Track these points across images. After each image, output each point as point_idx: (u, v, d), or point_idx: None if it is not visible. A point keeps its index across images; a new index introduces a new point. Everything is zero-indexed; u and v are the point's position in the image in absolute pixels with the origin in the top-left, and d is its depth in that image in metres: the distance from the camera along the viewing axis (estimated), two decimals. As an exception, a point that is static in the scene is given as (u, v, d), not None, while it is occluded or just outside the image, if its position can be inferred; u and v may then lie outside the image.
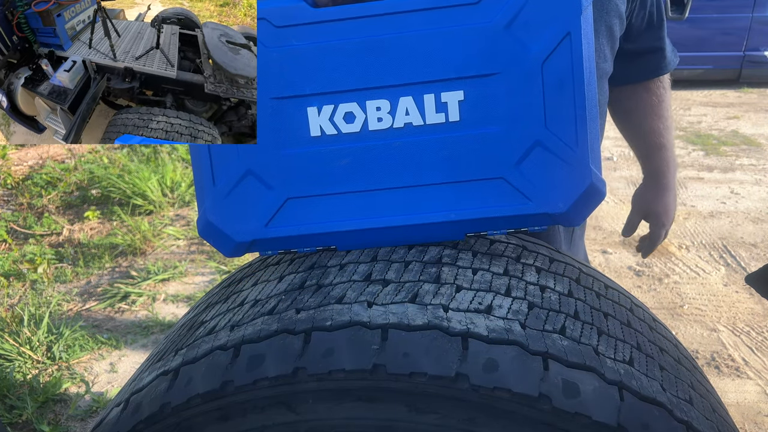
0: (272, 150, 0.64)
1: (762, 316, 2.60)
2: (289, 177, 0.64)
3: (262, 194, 0.65)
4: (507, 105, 0.62)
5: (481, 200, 0.64)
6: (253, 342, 0.58)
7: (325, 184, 0.64)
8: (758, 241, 3.21)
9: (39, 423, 2.06)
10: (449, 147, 0.63)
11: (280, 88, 0.63)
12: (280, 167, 0.64)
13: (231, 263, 3.11)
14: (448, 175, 0.63)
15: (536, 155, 0.62)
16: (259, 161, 0.64)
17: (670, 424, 0.54)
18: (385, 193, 0.64)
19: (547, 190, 0.62)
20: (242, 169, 0.65)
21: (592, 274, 0.77)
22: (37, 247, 3.28)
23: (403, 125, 0.63)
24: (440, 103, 0.62)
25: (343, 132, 0.63)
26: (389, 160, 0.63)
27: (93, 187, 3.92)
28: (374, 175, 0.64)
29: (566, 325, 0.59)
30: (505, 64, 0.61)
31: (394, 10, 0.61)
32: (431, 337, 0.55)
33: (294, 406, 0.56)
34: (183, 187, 3.88)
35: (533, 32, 0.61)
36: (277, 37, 0.63)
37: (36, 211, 3.75)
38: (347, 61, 0.62)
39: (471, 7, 0.61)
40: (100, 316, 2.74)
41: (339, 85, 0.62)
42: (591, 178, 0.62)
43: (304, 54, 0.62)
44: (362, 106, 0.62)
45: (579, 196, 0.62)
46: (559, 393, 0.51)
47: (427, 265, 0.66)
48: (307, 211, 0.65)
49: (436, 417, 0.53)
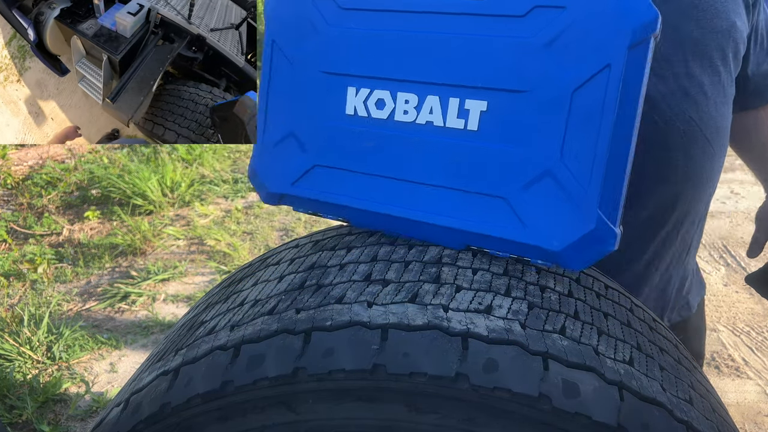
0: (312, 118, 0.69)
1: (762, 316, 2.60)
2: (320, 146, 0.68)
3: (296, 155, 0.70)
4: (527, 126, 0.59)
5: (479, 215, 0.62)
6: (253, 342, 0.58)
7: (347, 160, 0.67)
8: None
9: (39, 423, 2.06)
10: (460, 154, 0.62)
11: (329, 64, 0.67)
12: (314, 135, 0.69)
13: (231, 264, 3.11)
14: (453, 181, 0.63)
15: (544, 185, 0.59)
16: (301, 125, 0.69)
17: (670, 424, 0.54)
18: (394, 183, 0.66)
19: (546, 224, 0.59)
20: (287, 129, 0.70)
21: (592, 274, 0.77)
22: (37, 247, 3.28)
23: (425, 122, 0.63)
24: (463, 109, 0.61)
25: (372, 116, 0.65)
26: (405, 153, 0.64)
27: (93, 187, 3.93)
28: (389, 164, 0.65)
29: (566, 325, 0.59)
30: (534, 84, 0.59)
31: (444, 10, 0.62)
32: (431, 337, 0.55)
33: (294, 406, 0.56)
34: (183, 187, 3.88)
35: (572, 57, 0.57)
36: (339, 17, 0.66)
37: (36, 211, 3.75)
38: (389, 50, 0.64)
39: (517, 19, 0.59)
40: (100, 316, 2.74)
41: (377, 72, 0.65)
42: (595, 224, 0.57)
43: (356, 37, 0.65)
44: (393, 95, 0.64)
45: (578, 239, 0.58)
46: (559, 393, 0.51)
47: (427, 265, 0.66)
48: (329, 180, 0.69)
49: (436, 417, 0.53)
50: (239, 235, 3.45)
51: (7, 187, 4.04)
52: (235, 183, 4.15)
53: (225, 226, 3.54)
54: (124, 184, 3.75)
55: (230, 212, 3.74)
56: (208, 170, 4.27)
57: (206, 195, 3.96)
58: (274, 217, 3.68)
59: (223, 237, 3.36)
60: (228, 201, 3.93)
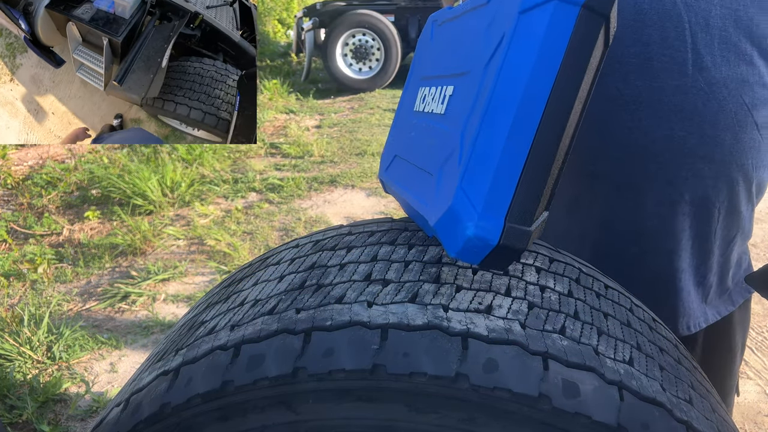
0: (401, 115, 0.81)
1: (762, 316, 2.60)
2: (397, 138, 0.79)
3: (390, 146, 0.82)
4: (461, 108, 0.59)
5: (425, 193, 0.62)
6: (253, 342, 0.58)
7: (402, 149, 0.77)
8: (758, 241, 3.21)
9: (39, 423, 2.06)
10: (432, 136, 0.66)
11: (423, 69, 0.78)
12: (398, 129, 0.80)
13: (231, 264, 3.11)
14: (425, 163, 0.66)
15: (452, 161, 0.57)
16: (397, 123, 0.82)
17: (670, 424, 0.54)
18: (410, 167, 0.71)
19: (437, 202, 0.57)
20: (395, 126, 0.83)
21: (592, 274, 0.77)
22: (37, 247, 3.29)
23: (430, 111, 0.70)
24: (443, 94, 0.67)
25: (417, 110, 0.75)
26: (418, 138, 0.72)
27: (93, 187, 3.93)
28: (413, 149, 0.73)
29: (566, 325, 0.59)
30: (472, 63, 0.59)
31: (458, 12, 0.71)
32: (431, 337, 0.55)
33: (294, 406, 0.56)
34: (183, 187, 3.88)
35: (491, 33, 0.57)
36: (437, 32, 0.77)
37: (36, 211, 3.75)
38: (436, 52, 0.74)
39: (481, 9, 0.62)
40: (100, 316, 2.74)
41: (430, 72, 0.74)
42: (452, 202, 0.53)
43: (433, 44, 0.77)
44: (430, 89, 0.72)
45: (441, 217, 0.55)
46: (559, 393, 0.51)
47: (427, 265, 0.66)
48: (396, 168, 0.77)
49: (436, 417, 0.53)
50: (239, 235, 3.45)
51: (7, 187, 4.05)
52: (235, 183, 4.15)
53: (225, 226, 3.55)
54: (124, 184, 3.75)
55: (230, 212, 3.74)
56: (208, 170, 4.27)
57: (206, 195, 3.96)
58: (274, 217, 3.68)
59: (223, 237, 3.36)
60: (228, 201, 3.93)
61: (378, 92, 6.75)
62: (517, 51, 0.52)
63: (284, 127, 5.54)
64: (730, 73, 0.92)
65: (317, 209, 3.79)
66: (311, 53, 6.84)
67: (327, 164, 4.55)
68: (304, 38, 6.75)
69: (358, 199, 3.93)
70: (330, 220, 3.63)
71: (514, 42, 0.52)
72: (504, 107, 0.52)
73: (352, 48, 6.76)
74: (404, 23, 6.85)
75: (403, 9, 6.92)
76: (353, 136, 5.17)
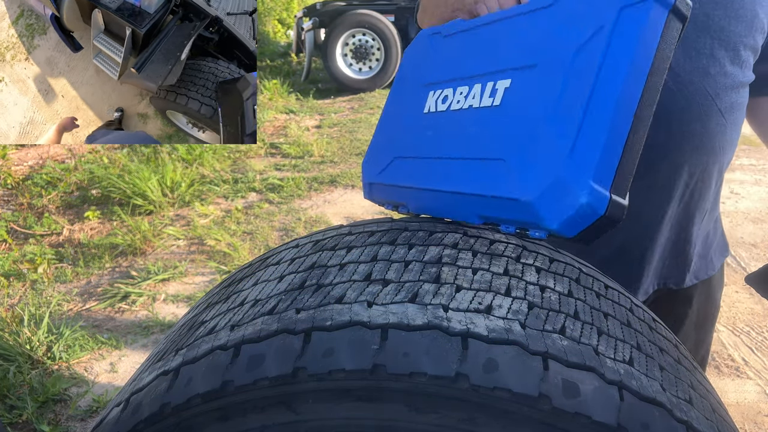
0: (399, 123, 0.84)
1: (762, 316, 2.60)
2: (398, 142, 0.82)
3: (384, 153, 0.84)
4: (535, 95, 0.64)
5: (486, 179, 0.67)
6: (253, 342, 0.58)
7: (414, 149, 0.79)
8: (758, 241, 3.21)
9: (39, 423, 2.06)
10: (485, 127, 0.69)
11: (425, 77, 0.82)
12: (397, 134, 0.83)
13: (231, 264, 3.11)
14: (476, 152, 0.69)
15: (532, 143, 0.62)
16: (390, 131, 0.85)
17: (670, 424, 0.54)
18: (441, 162, 0.74)
19: (528, 178, 0.61)
20: (383, 136, 0.86)
21: (592, 274, 0.77)
22: (38, 247, 3.29)
23: (467, 106, 0.73)
24: (494, 88, 0.70)
25: (437, 110, 0.78)
26: (452, 133, 0.74)
27: (93, 187, 3.93)
28: (442, 144, 0.75)
29: (566, 325, 0.59)
30: (543, 57, 0.65)
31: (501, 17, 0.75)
32: (431, 337, 0.55)
33: (294, 406, 0.56)
34: (183, 187, 3.88)
35: (573, 26, 0.63)
36: (439, 43, 0.82)
37: (36, 211, 3.75)
38: (457, 57, 0.79)
39: (544, 10, 0.68)
40: (100, 316, 2.74)
41: (446, 76, 0.79)
42: (562, 173, 0.57)
43: (445, 52, 0.81)
44: (454, 90, 0.76)
45: (545, 189, 0.59)
46: (559, 393, 0.51)
47: (427, 265, 0.66)
48: (399, 168, 0.81)
49: (436, 417, 0.53)
50: (239, 235, 3.45)
51: (8, 187, 4.05)
52: (235, 183, 4.15)
53: (225, 226, 3.55)
54: (124, 184, 3.75)
55: (230, 212, 3.74)
56: (208, 170, 4.27)
57: (206, 195, 3.96)
58: (274, 217, 3.69)
59: (223, 237, 3.36)
60: (228, 201, 3.93)
61: (378, 92, 6.75)
62: (620, 40, 0.58)
63: (284, 127, 5.54)
64: (693, 68, 1.01)
65: (317, 209, 3.79)
66: (311, 53, 6.84)
67: (327, 164, 4.55)
68: (304, 38, 6.75)
69: (358, 199, 3.93)
70: (330, 220, 3.63)
71: (616, 32, 0.59)
72: (610, 91, 0.57)
73: (352, 48, 6.76)
74: (404, 23, 6.85)
75: (403, 9, 6.92)
76: (353, 136, 5.17)
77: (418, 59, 0.86)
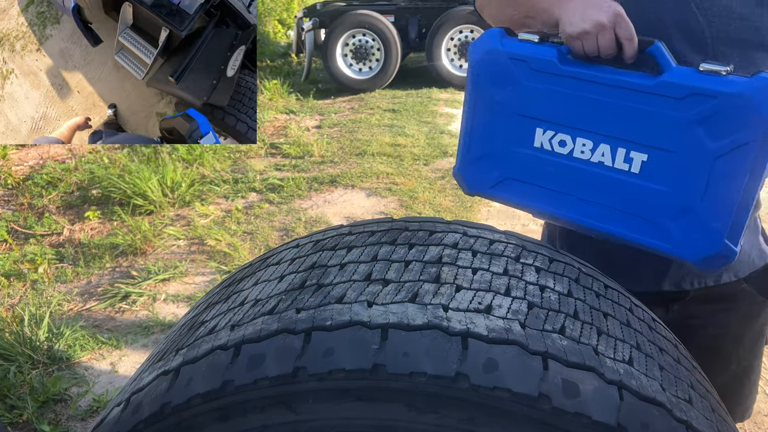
0: (505, 145, 0.92)
1: (762, 316, 2.59)
2: (511, 164, 0.92)
3: (492, 169, 0.94)
4: (677, 175, 0.79)
5: (635, 229, 0.84)
6: (253, 342, 0.58)
7: (534, 177, 0.91)
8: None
9: (39, 423, 2.06)
10: (624, 186, 0.83)
11: (522, 108, 0.89)
12: (506, 157, 0.92)
13: (231, 264, 3.11)
14: (617, 203, 0.85)
15: (686, 216, 0.80)
16: (495, 149, 0.93)
17: (670, 423, 0.54)
18: (569, 197, 0.89)
19: (685, 242, 0.81)
20: (485, 150, 0.94)
21: (592, 273, 0.77)
22: (38, 247, 3.29)
23: (597, 161, 0.85)
24: (628, 157, 0.82)
25: (554, 150, 0.88)
26: (579, 178, 0.87)
27: (93, 187, 3.93)
28: (566, 184, 0.88)
29: (566, 324, 0.60)
30: (684, 148, 0.78)
31: (618, 84, 0.81)
32: (431, 336, 0.55)
33: (294, 406, 0.56)
34: (183, 187, 3.89)
35: (717, 132, 0.75)
36: (530, 76, 0.88)
37: (36, 211, 3.75)
38: (571, 105, 0.85)
39: (675, 100, 0.78)
40: (100, 316, 2.75)
41: (561, 120, 0.87)
42: (720, 247, 0.79)
43: (544, 92, 0.87)
44: (573, 139, 0.86)
45: (708, 256, 0.80)
46: (559, 393, 0.52)
47: (427, 265, 0.66)
48: (518, 188, 0.93)
49: (435, 417, 0.53)
50: (239, 235, 3.45)
51: (8, 187, 4.05)
52: (236, 183, 4.15)
53: (225, 226, 3.55)
54: (125, 184, 3.75)
55: (230, 212, 3.74)
56: (209, 170, 4.27)
57: (206, 195, 3.96)
58: (275, 217, 3.69)
59: (223, 237, 3.36)
60: (228, 201, 3.93)
61: (378, 92, 6.75)
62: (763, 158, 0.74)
63: (284, 128, 5.54)
64: None
65: (317, 209, 3.79)
66: (311, 53, 6.84)
67: (327, 164, 4.55)
68: (305, 38, 6.74)
69: (358, 199, 3.94)
70: (330, 220, 3.63)
71: (761, 152, 0.74)
72: (755, 187, 0.76)
73: (352, 48, 6.76)
74: (404, 23, 6.84)
75: (403, 9, 6.91)
76: (353, 137, 5.17)
77: (499, 78, 0.90)
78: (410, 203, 3.79)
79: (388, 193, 3.96)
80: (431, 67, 6.71)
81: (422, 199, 3.84)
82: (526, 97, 0.89)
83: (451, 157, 4.58)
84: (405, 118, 5.66)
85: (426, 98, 6.36)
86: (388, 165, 4.44)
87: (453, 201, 3.81)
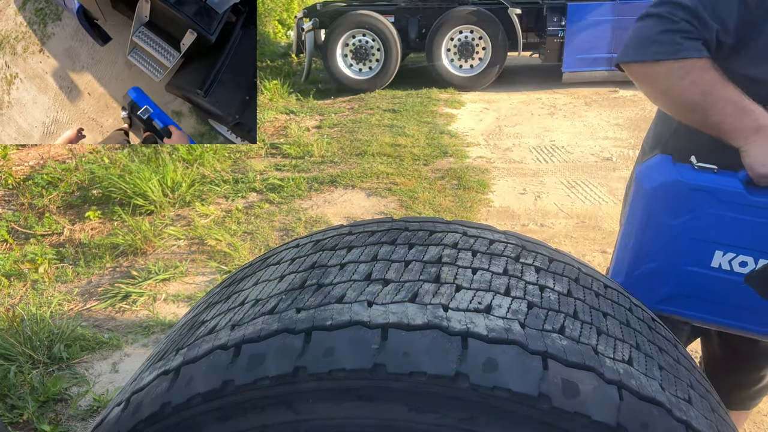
0: (676, 264, 0.97)
1: (762, 316, 2.59)
2: (683, 282, 0.97)
3: (661, 285, 0.99)
4: None
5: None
6: (253, 341, 0.58)
7: (708, 294, 0.96)
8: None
9: (40, 423, 2.06)
10: None
11: (702, 233, 0.94)
12: (677, 274, 0.97)
13: (231, 263, 3.11)
14: None
15: None
16: (664, 268, 0.98)
17: (670, 423, 0.54)
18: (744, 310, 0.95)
19: None
20: (653, 269, 1.00)
21: (592, 273, 0.77)
22: (38, 247, 3.29)
23: None
24: None
25: (733, 270, 0.94)
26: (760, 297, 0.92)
27: (94, 187, 3.93)
28: (746, 298, 0.94)
29: (565, 324, 0.60)
30: None
31: None
32: (431, 336, 0.55)
33: (294, 406, 0.56)
34: (183, 188, 3.88)
35: None
36: (714, 205, 0.93)
37: (37, 211, 3.75)
38: (757, 231, 0.91)
39: None
40: (101, 315, 2.75)
41: (744, 243, 0.93)
42: None
43: (728, 220, 0.92)
44: (756, 260, 0.92)
45: None
46: (559, 392, 0.52)
47: (427, 265, 0.66)
48: (684, 303, 0.99)
49: (435, 416, 0.54)
50: (240, 235, 3.45)
51: (8, 187, 4.05)
52: (236, 183, 4.15)
53: (225, 226, 3.55)
54: (125, 184, 3.75)
55: (231, 212, 3.74)
56: (209, 170, 4.27)
57: (207, 195, 3.96)
58: (275, 217, 3.69)
59: (223, 237, 3.36)
60: (228, 201, 3.93)
61: (378, 93, 6.74)
62: None
63: (284, 128, 5.54)
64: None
65: (317, 209, 3.79)
66: (311, 54, 6.84)
67: (327, 164, 4.55)
68: (305, 39, 6.74)
69: (358, 199, 3.94)
70: (330, 220, 3.63)
71: None
72: None
73: (352, 48, 6.76)
74: (404, 24, 6.84)
75: (403, 9, 6.91)
76: (353, 137, 5.17)
77: (678, 206, 0.95)
78: (410, 203, 3.79)
79: (388, 193, 3.96)
80: (431, 67, 6.71)
81: (422, 199, 3.84)
82: (707, 224, 0.94)
83: (450, 157, 4.57)
84: (405, 118, 5.65)
85: (426, 98, 6.35)
86: (388, 165, 4.44)
87: (453, 201, 3.81)
